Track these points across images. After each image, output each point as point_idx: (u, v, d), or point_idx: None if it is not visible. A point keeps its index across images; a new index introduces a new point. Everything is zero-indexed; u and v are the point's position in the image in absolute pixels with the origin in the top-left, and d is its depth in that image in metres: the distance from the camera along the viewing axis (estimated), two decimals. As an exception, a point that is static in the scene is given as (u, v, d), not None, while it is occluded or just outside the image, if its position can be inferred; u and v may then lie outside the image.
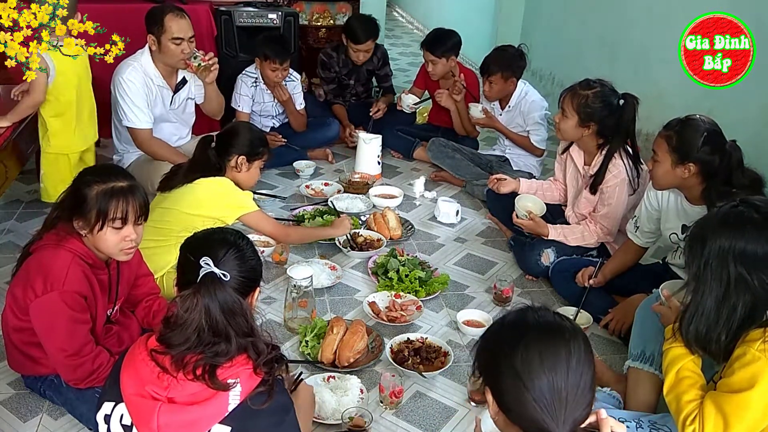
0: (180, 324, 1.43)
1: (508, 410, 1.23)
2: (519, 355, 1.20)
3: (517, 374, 1.19)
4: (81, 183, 1.93)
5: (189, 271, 1.49)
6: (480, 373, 1.30)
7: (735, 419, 1.57)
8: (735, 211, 1.66)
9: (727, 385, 1.60)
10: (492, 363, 1.25)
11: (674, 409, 1.70)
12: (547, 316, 1.27)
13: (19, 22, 2.06)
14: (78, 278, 1.91)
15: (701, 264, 1.65)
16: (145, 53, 3.28)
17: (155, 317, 2.22)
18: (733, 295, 1.62)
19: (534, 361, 1.19)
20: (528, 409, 1.19)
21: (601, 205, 2.85)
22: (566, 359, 1.19)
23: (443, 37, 4.07)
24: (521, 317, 1.28)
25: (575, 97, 2.74)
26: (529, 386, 1.18)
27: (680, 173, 2.29)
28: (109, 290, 2.06)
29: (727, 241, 1.61)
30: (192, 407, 1.40)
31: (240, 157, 2.68)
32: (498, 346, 1.26)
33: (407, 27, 9.29)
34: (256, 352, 1.46)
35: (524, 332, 1.23)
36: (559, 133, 2.88)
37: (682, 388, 1.70)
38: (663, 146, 2.31)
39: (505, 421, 1.25)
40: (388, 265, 2.88)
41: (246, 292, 1.55)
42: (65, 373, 1.98)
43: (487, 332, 1.33)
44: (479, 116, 3.85)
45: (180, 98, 3.45)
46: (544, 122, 3.73)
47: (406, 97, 4.25)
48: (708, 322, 1.65)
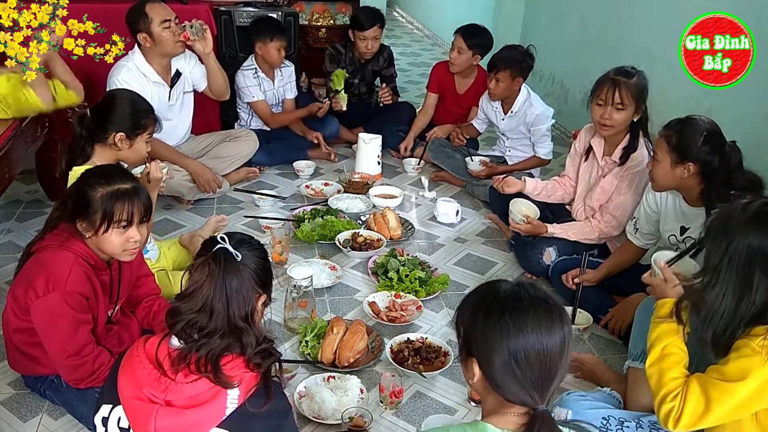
0: (191, 291, 1.46)
1: (495, 384, 1.27)
2: (516, 338, 1.23)
3: (512, 357, 1.23)
4: (85, 185, 1.93)
5: (205, 248, 1.53)
6: (465, 347, 1.33)
7: (717, 404, 1.59)
8: (766, 210, 1.62)
9: (719, 372, 1.61)
10: (483, 342, 1.27)
11: (655, 382, 1.70)
12: (541, 294, 1.31)
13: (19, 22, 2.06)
14: (80, 279, 1.91)
15: (724, 258, 1.62)
16: (136, 53, 3.29)
17: (155, 317, 2.22)
18: (754, 294, 1.59)
19: (530, 345, 1.23)
20: (515, 385, 1.25)
21: (617, 194, 2.82)
22: (561, 341, 1.25)
23: (482, 31, 4.04)
24: (514, 295, 1.30)
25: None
26: (523, 368, 1.23)
27: (679, 173, 2.29)
28: (110, 290, 2.06)
29: (757, 241, 1.58)
30: (189, 410, 1.41)
31: (118, 134, 2.41)
32: (491, 326, 1.27)
33: (407, 27, 9.30)
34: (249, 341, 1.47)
35: (521, 313, 1.26)
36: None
37: (667, 364, 1.70)
38: (663, 145, 2.31)
39: (486, 388, 1.31)
40: (388, 265, 2.88)
41: (253, 287, 1.56)
42: (66, 374, 1.98)
43: (474, 307, 1.34)
44: (479, 169, 3.76)
45: (177, 92, 3.46)
46: (551, 133, 3.73)
47: (406, 163, 4.17)
48: (726, 321, 1.62)
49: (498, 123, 3.83)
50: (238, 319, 1.47)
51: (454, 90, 4.23)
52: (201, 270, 1.48)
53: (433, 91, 4.30)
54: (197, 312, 1.45)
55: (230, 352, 1.46)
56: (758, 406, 1.61)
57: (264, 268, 1.56)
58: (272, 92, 4.10)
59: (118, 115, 2.44)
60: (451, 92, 4.25)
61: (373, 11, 4.30)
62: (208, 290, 1.46)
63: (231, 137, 3.80)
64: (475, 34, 4.01)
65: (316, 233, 3.17)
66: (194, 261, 1.52)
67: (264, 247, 1.62)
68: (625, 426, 1.86)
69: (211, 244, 1.51)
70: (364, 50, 4.28)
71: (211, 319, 1.45)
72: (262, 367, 1.47)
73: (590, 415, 1.90)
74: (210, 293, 1.46)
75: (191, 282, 1.49)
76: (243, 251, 1.51)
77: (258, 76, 3.99)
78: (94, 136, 2.42)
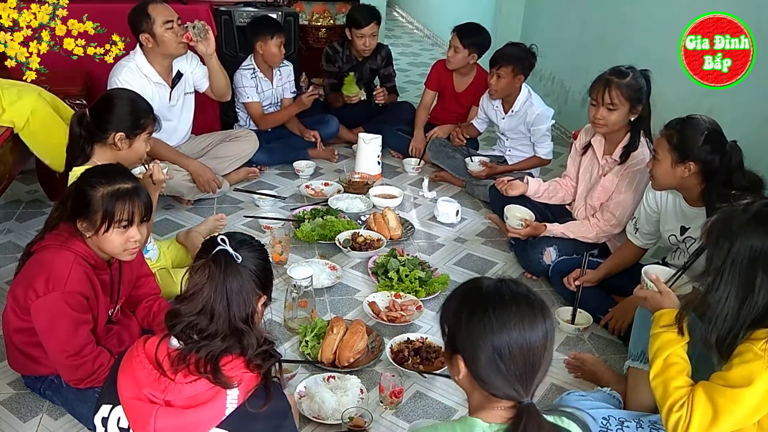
0: (192, 294, 1.45)
1: (481, 380, 1.30)
2: (499, 334, 1.26)
3: (496, 352, 1.26)
4: (85, 184, 1.92)
5: (205, 250, 1.51)
6: (450, 344, 1.35)
7: (725, 412, 1.57)
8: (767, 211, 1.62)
9: (723, 379, 1.60)
10: (468, 339, 1.30)
11: (660, 394, 1.69)
12: (523, 290, 1.32)
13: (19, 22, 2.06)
14: (80, 278, 1.91)
15: (727, 260, 1.61)
16: (138, 53, 3.28)
17: (155, 317, 2.22)
18: (757, 296, 1.59)
19: (513, 340, 1.26)
20: (500, 380, 1.27)
21: (617, 193, 2.82)
22: (543, 336, 1.27)
23: (478, 30, 4.04)
24: (497, 292, 1.31)
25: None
26: (507, 362, 1.26)
27: (680, 172, 2.29)
28: (111, 290, 2.06)
29: (759, 242, 1.58)
30: (189, 411, 1.40)
31: (118, 134, 2.40)
32: (475, 323, 1.29)
33: (407, 27, 9.30)
34: (250, 342, 1.47)
35: (504, 310, 1.28)
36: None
37: (671, 374, 1.69)
38: (663, 145, 2.31)
39: (472, 384, 1.33)
40: (388, 265, 2.87)
41: (253, 289, 1.55)
42: (66, 374, 1.98)
43: (458, 304, 1.35)
44: (479, 170, 3.76)
45: (178, 93, 3.45)
46: (551, 133, 3.74)
47: (406, 163, 4.17)
48: (730, 323, 1.62)
49: (498, 122, 3.83)
50: (239, 321, 1.47)
51: (452, 88, 4.23)
52: (201, 272, 1.47)
53: (431, 88, 4.30)
54: (197, 314, 1.45)
55: (230, 353, 1.46)
56: (766, 411, 1.60)
57: (264, 270, 1.56)
58: (271, 92, 4.10)
59: (117, 115, 2.43)
60: (449, 90, 4.25)
61: (369, 8, 4.29)
62: (209, 293, 1.45)
63: (231, 137, 3.79)
64: (471, 33, 4.00)
65: (316, 233, 3.17)
66: (194, 263, 1.51)
67: (264, 247, 1.62)
68: (625, 426, 1.86)
69: (211, 245, 1.50)
70: (361, 48, 4.28)
71: (211, 322, 1.45)
72: (262, 369, 1.47)
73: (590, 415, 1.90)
74: (210, 296, 1.45)
75: (191, 284, 1.48)
76: (243, 252, 1.50)
77: (256, 77, 3.99)
78: (93, 136, 2.41)
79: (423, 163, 4.14)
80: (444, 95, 4.30)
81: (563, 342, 2.60)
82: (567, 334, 2.64)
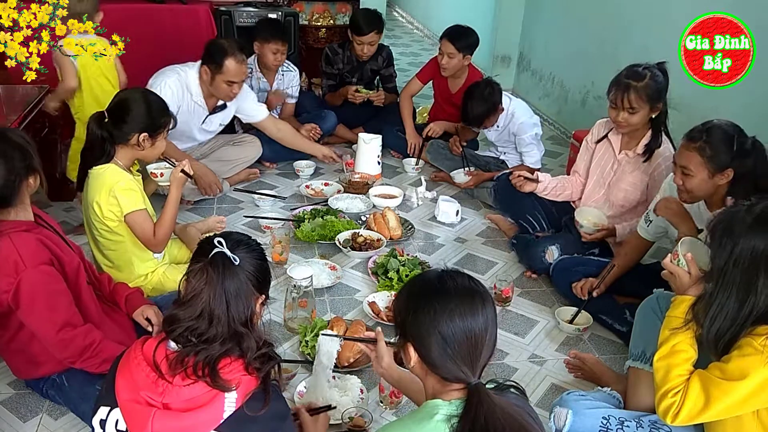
0: (190, 298, 1.45)
1: (432, 365, 1.40)
2: (444, 321, 1.36)
3: (442, 338, 1.36)
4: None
5: (202, 253, 1.50)
6: (402, 333, 1.46)
7: (716, 402, 1.62)
8: None
9: (720, 370, 1.63)
10: (416, 327, 1.40)
11: (661, 377, 1.72)
12: (464, 281, 1.43)
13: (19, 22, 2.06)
14: (32, 248, 1.88)
15: (729, 261, 1.62)
16: (194, 69, 3.34)
17: (109, 284, 2.27)
18: (758, 297, 1.60)
19: (457, 326, 1.36)
20: (448, 363, 1.37)
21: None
22: (484, 321, 1.38)
23: (466, 32, 4.04)
24: (441, 283, 1.42)
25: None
26: (453, 347, 1.36)
27: (718, 180, 2.21)
28: (59, 237, 2.04)
29: (761, 243, 1.58)
30: (187, 414, 1.40)
31: (141, 135, 2.41)
32: (423, 313, 1.39)
33: (407, 27, 9.30)
34: (250, 345, 1.46)
35: (447, 299, 1.38)
36: None
37: (676, 360, 1.72)
38: (695, 159, 2.21)
39: (424, 369, 1.43)
40: (388, 265, 2.88)
41: (251, 290, 1.55)
42: (59, 351, 1.95)
43: (407, 295, 1.46)
44: (465, 180, 3.78)
45: (213, 121, 3.52)
46: (536, 141, 3.75)
47: (406, 163, 4.18)
48: (729, 324, 1.63)
49: (486, 134, 3.89)
50: (238, 324, 1.46)
51: (447, 89, 4.23)
52: (199, 276, 1.46)
53: (422, 81, 4.31)
54: (196, 318, 1.44)
55: (229, 355, 1.45)
56: (757, 405, 1.62)
57: (262, 269, 1.55)
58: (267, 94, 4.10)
59: (140, 116, 2.42)
60: (444, 92, 4.25)
61: (373, 16, 4.27)
62: (207, 297, 1.44)
63: (235, 141, 3.81)
64: (462, 36, 4.01)
65: (316, 233, 3.17)
66: (191, 266, 1.50)
67: (261, 247, 1.61)
68: (625, 426, 1.86)
69: (208, 247, 1.49)
70: (360, 53, 4.30)
71: (211, 325, 1.44)
72: (261, 372, 1.46)
73: (590, 415, 1.90)
74: (209, 299, 1.44)
75: (189, 288, 1.47)
76: (240, 253, 1.49)
77: (252, 76, 3.99)
78: (114, 137, 2.41)
79: (423, 163, 4.15)
80: (439, 97, 4.32)
81: (563, 342, 2.60)
82: (567, 334, 2.64)
